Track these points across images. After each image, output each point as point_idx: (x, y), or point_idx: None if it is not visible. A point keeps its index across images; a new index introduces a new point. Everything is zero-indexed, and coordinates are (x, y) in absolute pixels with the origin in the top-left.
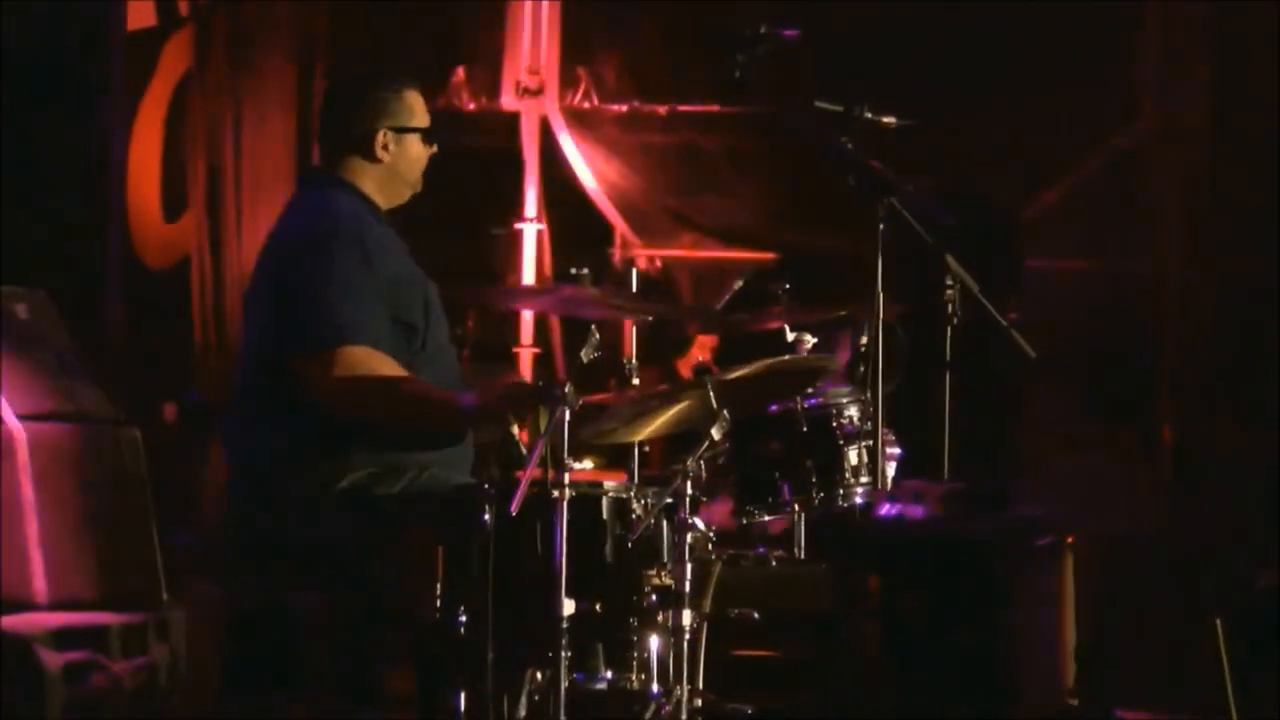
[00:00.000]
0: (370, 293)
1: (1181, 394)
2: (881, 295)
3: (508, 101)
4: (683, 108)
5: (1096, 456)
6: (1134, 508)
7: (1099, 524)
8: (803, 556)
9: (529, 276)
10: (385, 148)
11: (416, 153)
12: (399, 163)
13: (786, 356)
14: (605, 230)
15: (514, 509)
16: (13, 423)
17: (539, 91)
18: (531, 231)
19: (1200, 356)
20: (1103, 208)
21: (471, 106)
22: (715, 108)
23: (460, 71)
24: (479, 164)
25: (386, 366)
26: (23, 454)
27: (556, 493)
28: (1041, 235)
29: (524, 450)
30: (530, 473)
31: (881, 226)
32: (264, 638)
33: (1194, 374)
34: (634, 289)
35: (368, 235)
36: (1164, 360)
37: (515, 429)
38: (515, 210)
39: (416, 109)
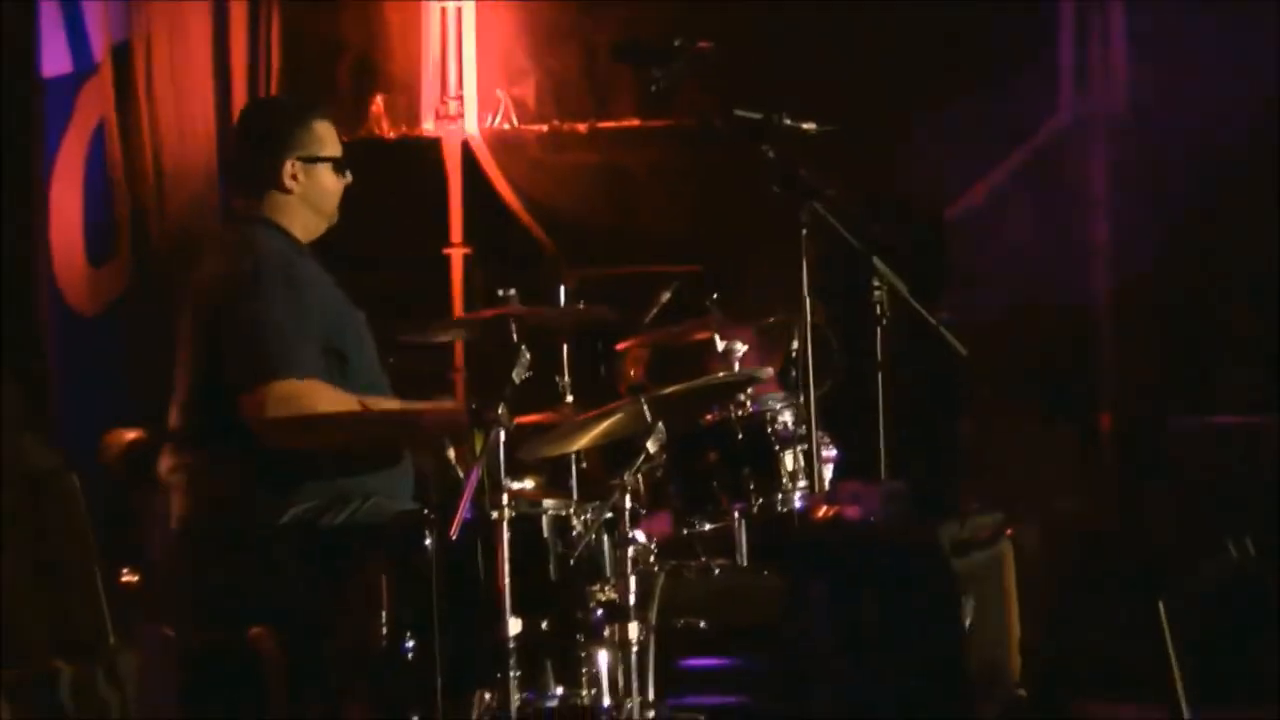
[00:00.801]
0: (299, 325)
1: (1120, 384)
2: (809, 300)
3: (428, 128)
4: (603, 124)
5: (1037, 450)
6: (1077, 498)
7: (1042, 516)
8: (745, 564)
9: (458, 303)
10: (294, 178)
11: (327, 182)
12: (310, 193)
13: (721, 374)
14: (535, 251)
15: (453, 533)
16: None
17: (458, 116)
18: (459, 256)
19: (1137, 347)
20: (1030, 203)
21: (392, 134)
22: (636, 123)
23: (379, 100)
24: (403, 192)
25: (322, 395)
26: None
27: (496, 514)
28: (969, 233)
29: (460, 474)
30: (468, 496)
31: (805, 231)
32: (219, 677)
33: (1131, 364)
34: (562, 306)
35: (291, 268)
36: (1102, 352)
37: (451, 453)
38: (442, 237)
39: (326, 138)
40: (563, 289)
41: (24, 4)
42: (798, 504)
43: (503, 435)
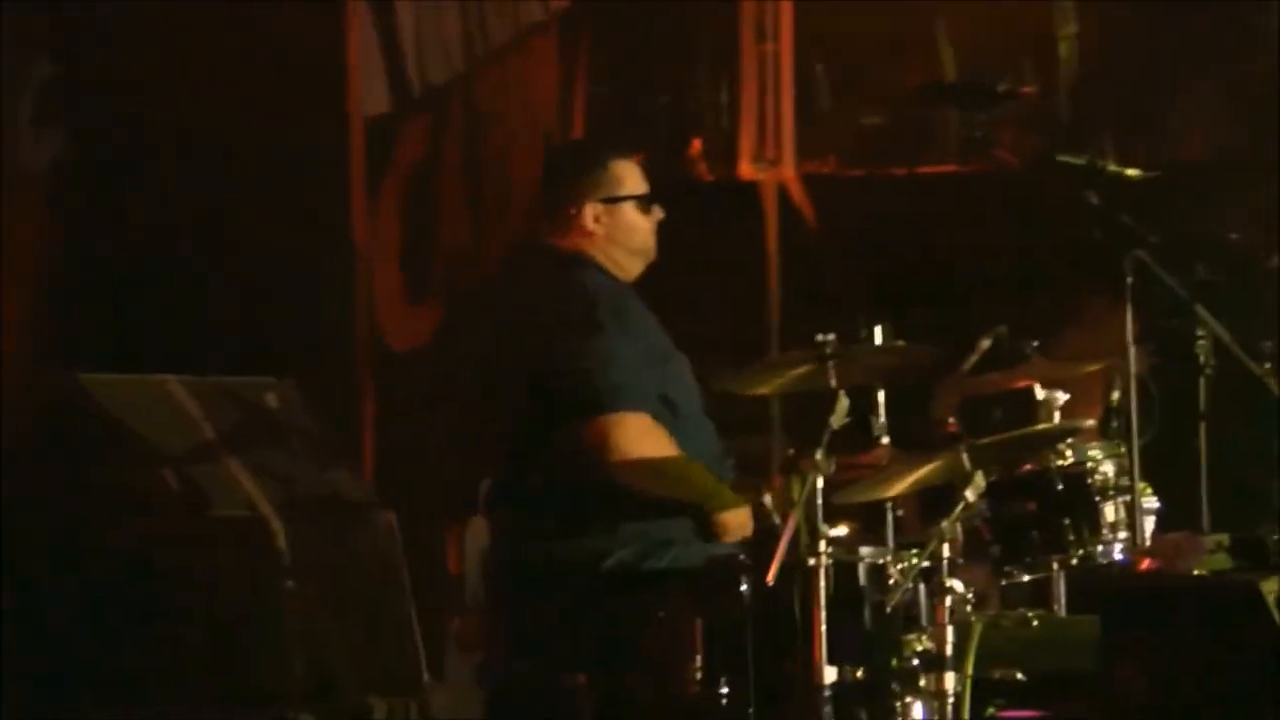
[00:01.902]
0: (638, 364)
1: None
2: (1133, 348)
3: (746, 170)
4: (921, 170)
5: None
6: None
7: None
8: (1063, 614)
9: (774, 348)
10: (597, 220)
11: (633, 221)
12: (616, 233)
13: (1040, 425)
14: (852, 295)
15: (770, 578)
16: (269, 513)
17: (776, 161)
18: (776, 299)
19: None
20: None
21: (710, 177)
22: (953, 168)
23: (696, 143)
24: (721, 234)
25: (661, 438)
26: (280, 544)
27: (813, 560)
28: None
29: (776, 519)
30: (786, 541)
31: (1130, 280)
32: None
33: None
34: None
35: (624, 305)
36: None
37: (767, 499)
38: (760, 280)
39: (626, 177)
40: (879, 331)
41: (339, 44)
42: (1118, 555)
43: (820, 481)
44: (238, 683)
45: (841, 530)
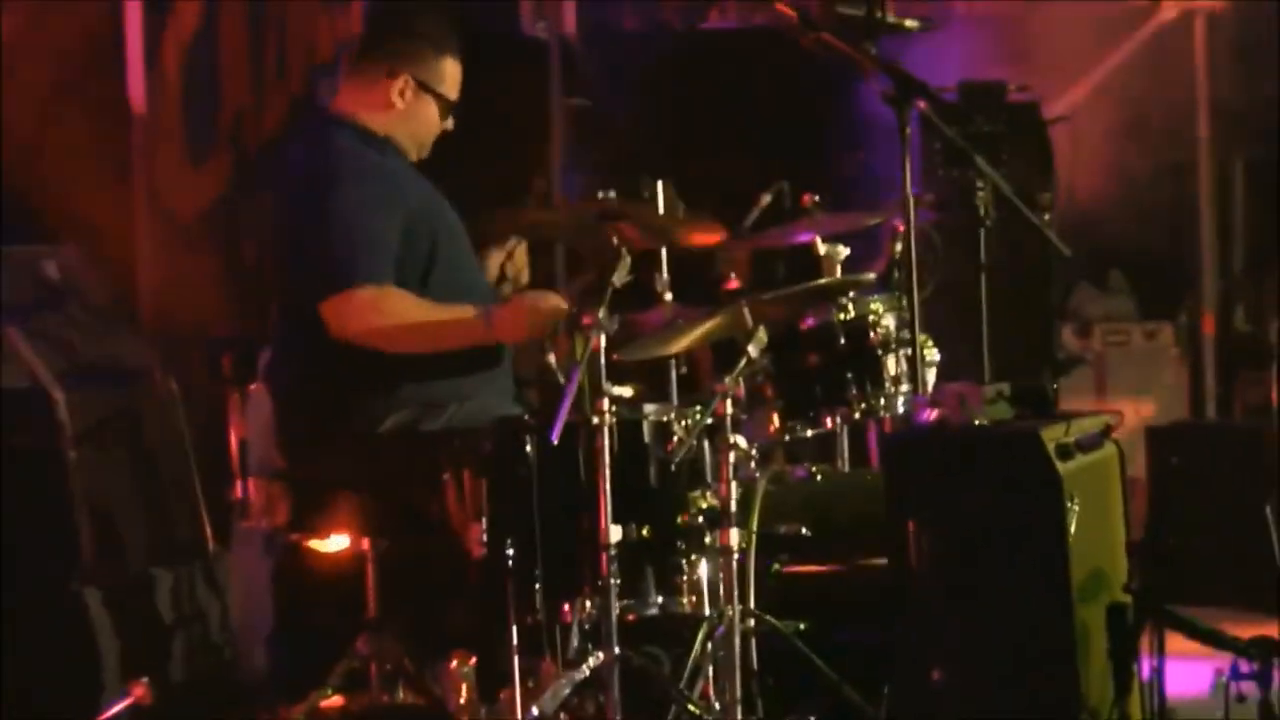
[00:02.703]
0: (375, 228)
1: (1224, 283)
2: (911, 200)
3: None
4: (705, 27)
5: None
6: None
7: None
8: (847, 469)
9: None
10: (402, 94)
11: (430, 116)
12: (411, 117)
13: (823, 279)
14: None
15: (555, 437)
16: (50, 384)
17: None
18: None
19: (1238, 244)
20: (1134, 96)
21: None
22: (734, 24)
23: None
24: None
25: (399, 300)
26: (61, 414)
27: (597, 419)
28: (1072, 127)
29: (560, 378)
30: (569, 400)
31: (908, 131)
32: (319, 581)
33: (1233, 262)
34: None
35: (367, 169)
36: (1202, 249)
37: (550, 357)
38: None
39: (448, 77)
40: (661, 188)
41: None
42: (900, 408)
43: (603, 339)
44: (22, 558)
45: (627, 390)
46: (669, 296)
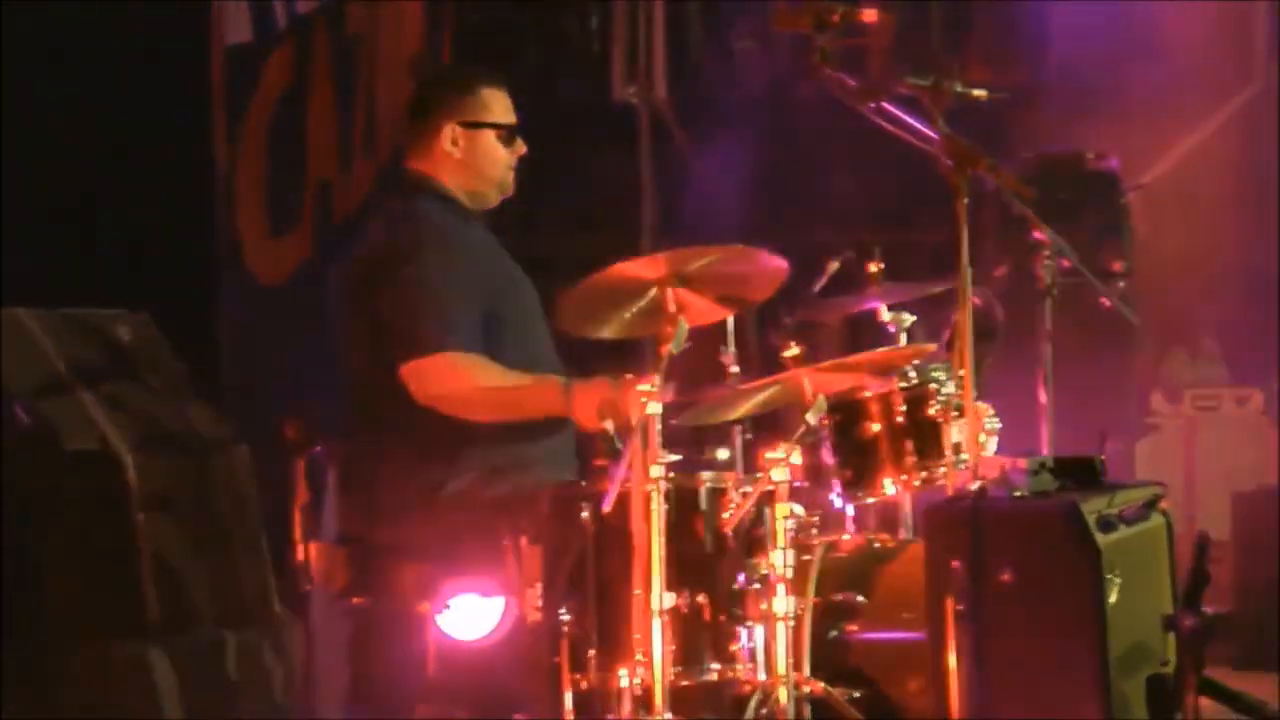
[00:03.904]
0: (461, 295)
1: None
2: (970, 269)
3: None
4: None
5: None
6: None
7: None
8: (910, 537)
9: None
10: (454, 142)
11: (492, 149)
12: (473, 159)
13: (883, 349)
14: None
15: (608, 505)
16: (119, 446)
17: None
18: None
19: None
20: (1216, 171)
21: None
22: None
23: None
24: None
25: (480, 368)
26: (130, 477)
27: (651, 486)
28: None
29: (619, 445)
30: (624, 468)
31: (966, 200)
32: (386, 645)
33: None
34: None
35: (451, 237)
36: None
37: (609, 425)
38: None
39: (492, 105)
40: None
41: None
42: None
43: (659, 407)
44: (91, 617)
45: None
46: (735, 369)
